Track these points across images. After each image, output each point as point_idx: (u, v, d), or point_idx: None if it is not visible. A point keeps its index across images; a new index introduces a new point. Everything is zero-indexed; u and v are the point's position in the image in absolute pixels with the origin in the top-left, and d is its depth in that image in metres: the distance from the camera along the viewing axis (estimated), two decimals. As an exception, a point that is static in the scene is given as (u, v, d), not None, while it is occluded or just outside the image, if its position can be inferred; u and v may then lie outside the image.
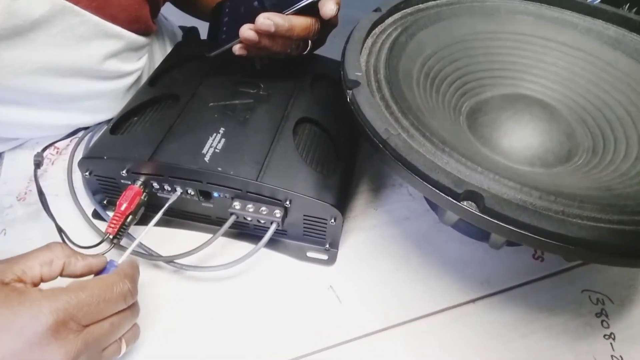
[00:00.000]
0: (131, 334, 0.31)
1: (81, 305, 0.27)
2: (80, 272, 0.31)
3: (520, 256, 0.41)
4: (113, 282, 0.29)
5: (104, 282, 0.29)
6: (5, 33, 0.36)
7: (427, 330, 0.36)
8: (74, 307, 0.27)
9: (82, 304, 0.27)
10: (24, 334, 0.25)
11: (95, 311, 0.28)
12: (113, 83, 0.48)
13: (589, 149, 0.37)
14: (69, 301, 0.27)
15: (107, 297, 0.28)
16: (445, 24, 0.41)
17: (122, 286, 0.29)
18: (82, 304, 0.27)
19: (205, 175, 0.37)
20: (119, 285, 0.29)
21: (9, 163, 0.48)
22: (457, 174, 0.27)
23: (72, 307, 0.27)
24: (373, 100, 0.31)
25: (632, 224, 0.25)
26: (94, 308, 0.28)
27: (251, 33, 0.39)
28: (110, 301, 0.29)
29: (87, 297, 0.27)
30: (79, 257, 0.31)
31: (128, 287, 0.30)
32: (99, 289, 0.28)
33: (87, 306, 0.27)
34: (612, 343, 0.36)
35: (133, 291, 0.30)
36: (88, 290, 0.28)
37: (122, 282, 0.30)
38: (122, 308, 0.30)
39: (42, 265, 0.29)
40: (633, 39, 0.40)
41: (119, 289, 0.29)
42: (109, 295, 0.29)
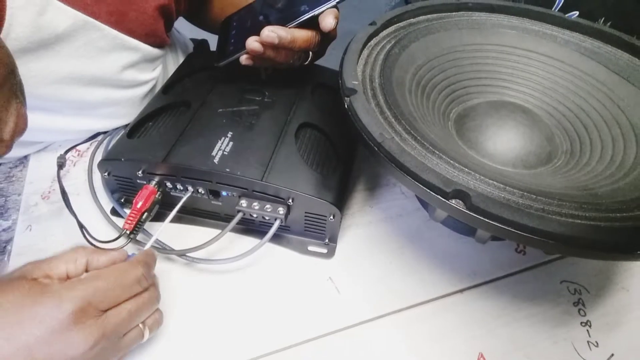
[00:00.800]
0: (153, 320, 0.31)
1: (98, 291, 0.27)
2: (104, 266, 0.31)
3: (504, 250, 0.41)
4: (126, 268, 0.30)
5: (117, 268, 0.29)
6: (32, 46, 0.36)
7: (419, 318, 0.36)
8: (91, 293, 0.27)
9: (99, 290, 0.27)
10: (46, 322, 0.25)
11: (112, 296, 0.28)
12: (130, 91, 0.48)
13: (567, 151, 0.37)
14: (86, 289, 0.27)
15: (122, 282, 0.28)
16: (435, 36, 0.41)
17: (135, 271, 0.30)
18: (99, 290, 0.27)
19: (214, 176, 0.37)
20: (132, 271, 0.29)
21: (35, 165, 0.48)
22: (445, 174, 0.27)
23: (89, 294, 0.27)
24: (369, 107, 0.31)
25: (606, 220, 0.25)
26: (110, 293, 0.28)
27: (257, 45, 0.39)
28: (125, 285, 0.29)
29: (102, 284, 0.28)
30: (101, 253, 0.31)
31: (141, 272, 0.30)
32: (114, 275, 0.29)
33: (103, 292, 0.27)
34: (588, 330, 0.36)
35: (147, 275, 0.30)
36: (103, 278, 0.28)
37: (135, 268, 0.30)
38: (137, 291, 0.29)
39: (67, 263, 0.29)
40: (608, 50, 0.41)
41: (132, 273, 0.29)
42: (123, 280, 0.29)
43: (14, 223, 0.42)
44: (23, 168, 0.48)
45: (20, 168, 0.48)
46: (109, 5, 0.40)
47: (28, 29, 0.35)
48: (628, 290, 0.38)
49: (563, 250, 0.25)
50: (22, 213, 0.43)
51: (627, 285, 0.39)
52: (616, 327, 0.36)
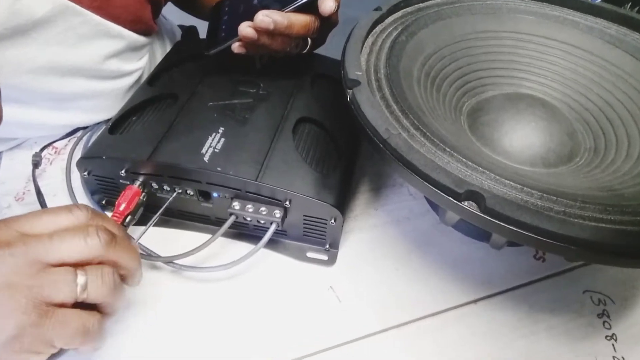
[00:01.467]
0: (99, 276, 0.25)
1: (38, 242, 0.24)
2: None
3: (522, 256, 0.41)
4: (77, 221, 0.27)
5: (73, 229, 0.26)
6: (7, 32, 0.36)
7: (428, 331, 0.36)
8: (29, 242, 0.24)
9: (17, 217, 0.25)
10: None
11: (30, 218, 0.25)
12: (114, 83, 0.48)
13: (591, 148, 0.37)
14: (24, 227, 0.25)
15: (45, 211, 0.26)
16: (445, 22, 0.41)
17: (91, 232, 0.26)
18: (17, 217, 0.25)
19: (204, 175, 0.37)
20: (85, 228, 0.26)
21: (7, 163, 0.48)
22: (457, 173, 0.27)
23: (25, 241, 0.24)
24: (373, 100, 0.31)
25: (634, 225, 0.25)
26: (29, 217, 0.25)
27: (250, 30, 0.39)
28: (48, 212, 0.26)
29: (24, 215, 0.26)
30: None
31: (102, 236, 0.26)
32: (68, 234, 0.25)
33: (22, 217, 0.25)
34: (613, 344, 0.36)
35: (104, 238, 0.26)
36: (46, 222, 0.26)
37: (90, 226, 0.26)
38: (67, 222, 0.26)
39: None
40: (635, 38, 0.41)
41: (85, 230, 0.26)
42: (48, 211, 0.26)
43: (-15, 227, 0.42)
44: (-5, 167, 0.48)
45: (-8, 167, 0.48)
46: None
47: (3, 14, 0.35)
48: (657, 301, 0.38)
49: (586, 256, 0.25)
50: (-6, 216, 0.43)
51: (655, 295, 0.39)
52: (644, 341, 0.36)
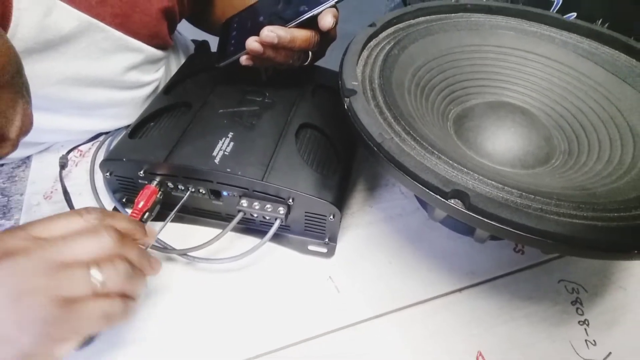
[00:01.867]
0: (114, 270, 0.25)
1: (31, 224, 0.25)
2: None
3: (503, 249, 0.41)
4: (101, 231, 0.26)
5: (93, 229, 0.26)
6: (37, 47, 0.36)
7: (418, 317, 0.36)
8: (43, 245, 0.24)
9: (32, 223, 0.25)
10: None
11: (45, 223, 0.25)
12: (133, 92, 0.48)
13: (565, 151, 0.37)
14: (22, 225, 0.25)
15: (58, 216, 0.26)
16: (434, 38, 0.41)
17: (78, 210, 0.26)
18: (33, 223, 0.25)
19: (215, 176, 0.37)
20: (109, 239, 0.26)
21: (37, 165, 0.48)
22: (444, 174, 0.27)
23: (40, 245, 0.23)
24: (368, 108, 0.31)
25: (604, 220, 0.25)
26: (43, 222, 0.25)
27: (256, 45, 0.39)
28: (61, 217, 0.25)
29: (39, 221, 0.25)
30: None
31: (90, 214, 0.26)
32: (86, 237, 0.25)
33: (37, 223, 0.25)
34: (586, 329, 0.36)
35: (90, 213, 0.26)
36: (59, 226, 0.25)
37: (113, 238, 0.26)
38: (78, 225, 0.26)
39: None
40: (605, 51, 0.40)
41: (72, 211, 0.26)
42: (61, 215, 0.26)
43: (17, 223, 0.42)
44: (25, 168, 0.48)
45: (23, 168, 0.48)
46: (113, 7, 0.40)
47: (34, 30, 0.35)
48: (625, 289, 0.38)
49: (561, 249, 0.25)
50: (25, 213, 0.43)
51: (624, 285, 0.39)
52: (614, 326, 0.36)
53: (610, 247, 0.24)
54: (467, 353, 0.34)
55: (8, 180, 0.47)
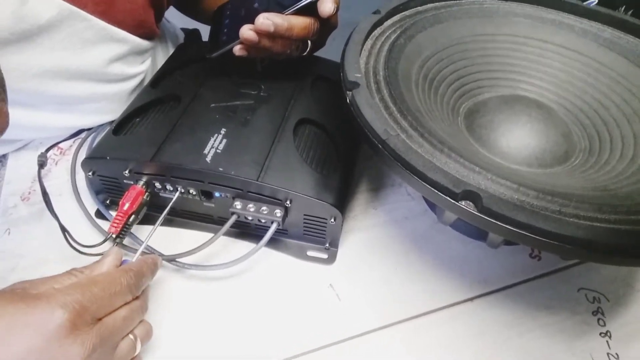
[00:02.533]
0: (143, 331, 0.32)
1: (94, 298, 0.27)
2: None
3: (518, 255, 0.41)
4: (120, 274, 0.30)
5: (112, 275, 0.30)
6: (13, 37, 0.36)
7: (426, 328, 0.36)
8: (88, 300, 0.27)
9: (95, 297, 0.28)
10: (40, 330, 0.25)
11: (108, 304, 0.28)
12: (117, 86, 0.48)
13: (586, 149, 0.37)
14: (83, 294, 0.27)
15: (117, 290, 0.29)
16: (443, 26, 0.41)
17: (128, 278, 0.30)
18: (95, 297, 0.28)
19: (206, 176, 0.37)
20: (125, 277, 0.30)
21: (13, 164, 0.48)
22: (455, 174, 0.27)
23: (85, 300, 0.27)
24: (372, 102, 0.31)
25: (628, 224, 0.25)
26: (106, 300, 0.28)
27: (251, 33, 0.39)
28: (119, 293, 0.29)
29: (98, 290, 0.28)
30: (95, 266, 0.31)
31: (134, 279, 0.31)
32: (109, 282, 0.29)
33: (99, 299, 0.28)
34: (608, 341, 0.36)
35: (137, 283, 0.31)
36: (99, 284, 0.28)
37: (128, 274, 0.30)
38: (129, 299, 0.30)
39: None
40: (629, 41, 0.40)
41: (125, 280, 0.30)
42: (118, 287, 0.29)
43: (-8, 226, 0.42)
44: (1, 167, 0.48)
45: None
46: None
47: (9, 19, 0.35)
48: (651, 299, 0.38)
49: (581, 255, 0.25)
50: (1, 216, 0.43)
51: (649, 293, 0.39)
52: (638, 338, 0.36)
53: (634, 253, 0.24)
54: (479, 367, 0.34)
55: (-18, 180, 0.47)
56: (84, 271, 0.31)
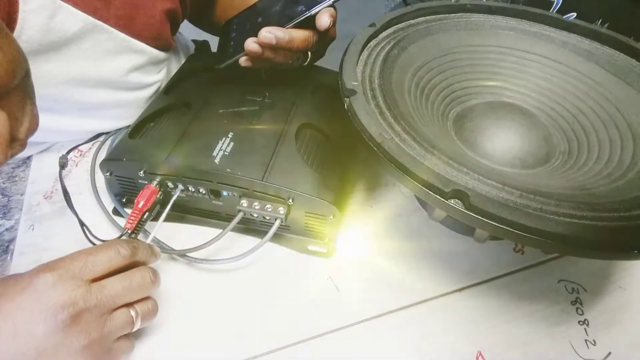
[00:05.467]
0: (145, 308, 0.31)
1: (78, 258, 0.28)
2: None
3: (503, 249, 0.41)
4: (108, 243, 0.30)
5: (101, 246, 0.30)
6: (41, 48, 0.36)
7: (418, 316, 0.36)
8: (70, 261, 0.28)
9: (79, 257, 0.28)
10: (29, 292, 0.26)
11: (93, 262, 0.28)
12: (135, 93, 0.48)
13: (565, 151, 0.37)
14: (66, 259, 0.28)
15: (102, 253, 0.29)
16: (433, 38, 0.41)
17: (116, 245, 0.30)
18: (79, 257, 0.28)
19: (215, 176, 0.37)
20: (113, 244, 0.30)
21: (37, 165, 0.48)
22: (444, 174, 0.27)
23: (67, 262, 0.27)
24: (368, 108, 0.31)
25: (604, 220, 0.25)
26: (91, 261, 0.28)
27: (255, 46, 0.39)
28: (105, 255, 0.29)
29: (82, 253, 0.28)
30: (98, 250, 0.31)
31: (125, 246, 0.30)
32: (94, 248, 0.29)
33: (82, 259, 0.28)
34: (586, 328, 0.36)
35: (127, 248, 0.30)
36: (84, 250, 0.29)
37: (118, 242, 0.30)
38: (119, 263, 0.30)
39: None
40: (605, 51, 0.40)
41: (113, 245, 0.30)
42: (105, 251, 0.29)
43: (17, 223, 0.42)
44: (26, 168, 0.48)
45: (23, 168, 0.48)
46: (118, 9, 0.40)
47: (39, 32, 0.35)
48: (625, 289, 0.38)
49: (561, 249, 0.25)
50: (25, 213, 0.43)
51: (624, 284, 0.39)
52: (614, 326, 0.36)
53: (610, 247, 0.24)
54: (467, 352, 0.34)
55: (8, 180, 0.47)
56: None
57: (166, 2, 0.44)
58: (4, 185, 0.46)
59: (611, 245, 0.24)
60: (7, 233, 0.42)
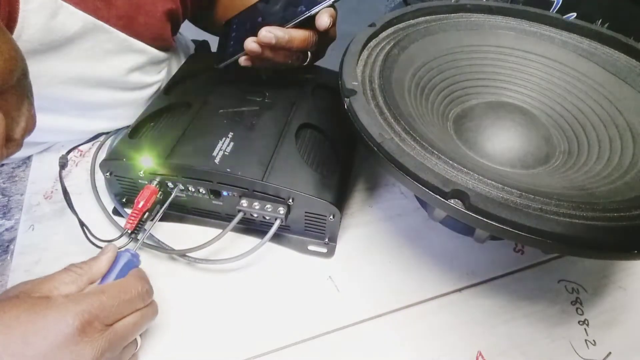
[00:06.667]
0: (148, 312, 0.31)
1: (103, 306, 0.27)
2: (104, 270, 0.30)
3: (503, 249, 0.41)
4: (131, 283, 0.30)
5: (122, 284, 0.29)
6: (41, 48, 0.36)
7: (417, 316, 0.36)
8: (97, 308, 0.27)
9: (104, 305, 0.27)
10: (51, 337, 0.25)
11: (117, 311, 0.28)
12: (135, 93, 0.48)
13: (565, 151, 0.37)
14: (92, 303, 0.27)
15: (127, 297, 0.28)
16: (433, 38, 0.41)
17: (139, 286, 0.30)
18: (104, 305, 0.27)
19: (215, 176, 0.37)
20: (136, 286, 0.29)
21: (37, 165, 0.48)
22: (444, 174, 0.27)
23: (95, 308, 0.27)
24: (368, 108, 0.31)
25: (604, 220, 0.25)
26: (116, 308, 0.28)
27: (254, 45, 0.39)
28: (129, 301, 0.29)
29: (108, 299, 0.27)
30: (93, 262, 0.30)
31: (146, 287, 0.30)
32: (119, 290, 0.28)
33: (109, 307, 0.27)
34: (586, 329, 0.36)
35: (150, 290, 0.31)
36: (108, 292, 0.28)
37: (140, 283, 0.30)
38: (140, 306, 0.30)
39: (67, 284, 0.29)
40: (605, 51, 0.40)
41: (136, 289, 0.29)
42: (128, 295, 0.29)
43: (17, 223, 0.42)
44: (26, 168, 0.48)
45: (23, 168, 0.48)
46: (118, 9, 0.40)
47: (39, 31, 0.35)
48: (625, 289, 0.38)
49: (561, 249, 0.25)
50: (25, 213, 0.43)
51: (624, 285, 0.39)
52: (613, 326, 0.36)
53: (610, 247, 0.24)
54: (467, 352, 0.34)
55: (8, 180, 0.47)
56: (83, 267, 0.30)
57: (167, 3, 0.44)
58: (4, 185, 0.46)
59: (611, 245, 0.24)
60: (8, 233, 0.42)
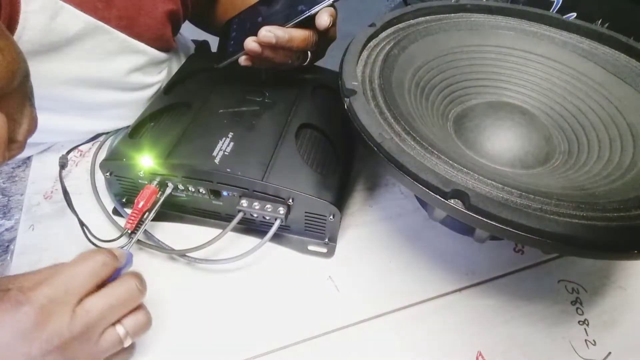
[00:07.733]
0: (134, 322, 0.29)
1: (61, 285, 0.26)
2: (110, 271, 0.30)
3: (503, 249, 0.41)
4: (85, 256, 0.29)
5: (77, 261, 0.28)
6: (42, 49, 0.36)
7: (417, 316, 0.36)
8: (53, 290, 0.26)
9: (60, 285, 0.26)
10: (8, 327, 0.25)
11: (76, 287, 0.27)
12: (136, 94, 0.48)
13: (565, 152, 0.37)
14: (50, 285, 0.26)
15: (85, 270, 0.27)
16: (433, 38, 0.41)
17: (95, 255, 0.28)
18: (60, 284, 0.26)
19: (215, 176, 0.37)
20: (91, 255, 0.28)
21: (37, 165, 0.48)
22: (444, 174, 0.27)
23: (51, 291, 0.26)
24: (368, 108, 0.31)
25: (604, 220, 0.25)
26: (73, 285, 0.27)
27: (255, 45, 0.39)
28: (86, 270, 0.28)
29: (63, 277, 0.27)
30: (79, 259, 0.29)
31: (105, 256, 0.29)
32: (75, 266, 0.28)
33: (64, 285, 0.27)
34: (586, 329, 0.36)
35: (108, 256, 0.29)
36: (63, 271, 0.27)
37: (96, 253, 0.29)
38: (104, 274, 0.28)
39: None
40: (605, 51, 0.40)
41: (92, 257, 0.28)
42: (85, 267, 0.28)
43: (17, 223, 0.42)
44: (26, 168, 0.48)
45: (23, 168, 0.48)
46: (119, 10, 0.40)
47: (40, 32, 0.35)
48: (625, 289, 0.38)
49: (561, 249, 0.25)
50: (25, 213, 0.43)
51: (624, 285, 0.39)
52: (613, 326, 0.36)
53: (610, 247, 0.24)
54: (467, 353, 0.34)
55: (8, 180, 0.47)
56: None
57: (168, 4, 0.44)
58: (4, 185, 0.46)
59: (611, 245, 0.24)
60: (8, 233, 0.42)
